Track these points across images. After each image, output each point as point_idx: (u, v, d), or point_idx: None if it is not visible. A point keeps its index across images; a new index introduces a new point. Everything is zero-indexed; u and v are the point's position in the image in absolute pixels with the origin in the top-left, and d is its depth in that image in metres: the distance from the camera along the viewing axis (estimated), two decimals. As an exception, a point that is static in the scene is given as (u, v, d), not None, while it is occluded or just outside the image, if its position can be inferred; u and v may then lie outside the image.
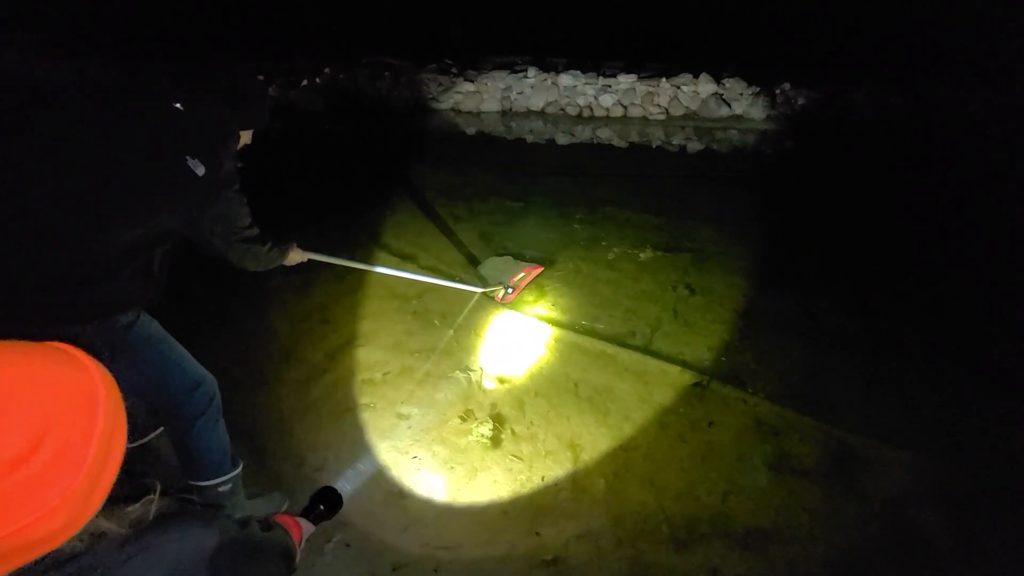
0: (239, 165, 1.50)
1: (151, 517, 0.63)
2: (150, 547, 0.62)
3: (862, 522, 1.88)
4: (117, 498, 0.60)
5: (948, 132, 4.80)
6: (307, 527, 1.12)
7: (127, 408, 0.65)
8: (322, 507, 1.20)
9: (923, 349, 2.60)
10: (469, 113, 6.06)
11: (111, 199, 1.29)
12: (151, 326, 1.49)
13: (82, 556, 0.56)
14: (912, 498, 1.96)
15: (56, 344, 0.58)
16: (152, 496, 0.65)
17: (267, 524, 0.94)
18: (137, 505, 0.63)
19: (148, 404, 1.64)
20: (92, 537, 0.57)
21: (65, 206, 1.27)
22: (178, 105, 1.37)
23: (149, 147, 1.32)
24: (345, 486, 2.00)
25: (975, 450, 2.12)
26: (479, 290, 2.87)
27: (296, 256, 1.83)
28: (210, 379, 1.63)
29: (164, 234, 1.39)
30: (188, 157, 1.33)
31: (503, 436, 2.19)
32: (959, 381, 2.42)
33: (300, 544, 1.06)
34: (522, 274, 2.98)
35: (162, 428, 1.83)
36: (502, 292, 2.90)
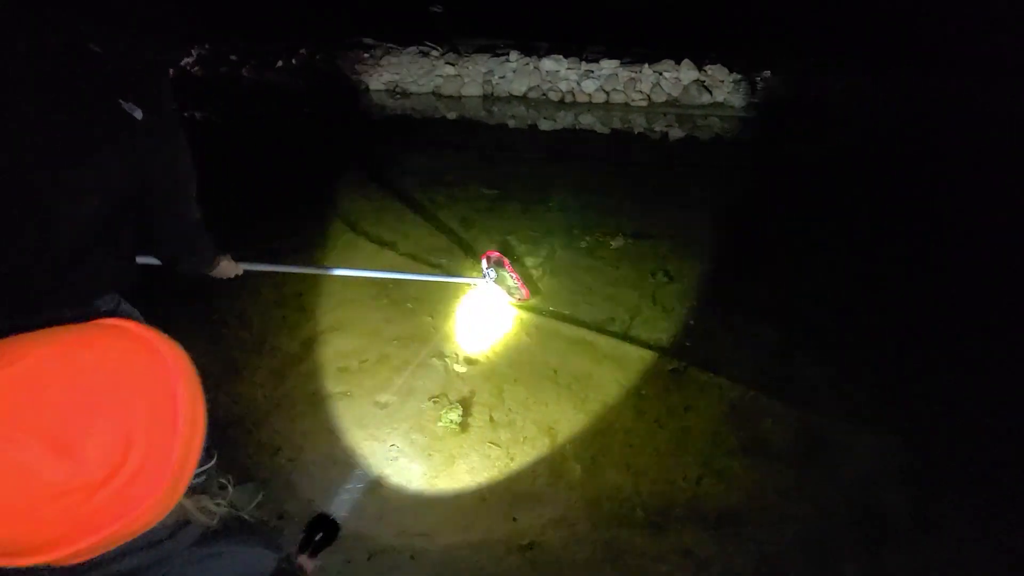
0: (178, 110, 1.34)
1: (215, 522, 0.63)
2: (221, 555, 0.63)
3: (831, 503, 1.93)
4: (196, 488, 0.59)
5: (925, 122, 4.87)
6: (309, 565, 1.05)
7: None
8: (320, 535, 1.16)
9: (893, 335, 2.66)
10: (450, 97, 5.97)
11: (56, 160, 1.18)
12: (132, 314, 1.45)
13: (164, 542, 0.57)
14: (879, 479, 2.01)
15: (112, 322, 0.52)
16: (227, 491, 0.66)
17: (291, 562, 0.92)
18: (218, 500, 0.64)
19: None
20: (177, 525, 0.58)
21: (11, 175, 1.16)
22: (94, 47, 1.21)
23: (78, 95, 1.18)
24: (337, 509, 1.96)
25: (939, 433, 2.18)
26: (458, 279, 2.83)
27: (229, 268, 1.71)
28: None
29: (124, 202, 1.29)
30: (121, 101, 1.20)
31: (480, 422, 2.19)
32: (926, 367, 2.49)
33: None
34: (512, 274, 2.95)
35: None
36: (511, 290, 2.84)
